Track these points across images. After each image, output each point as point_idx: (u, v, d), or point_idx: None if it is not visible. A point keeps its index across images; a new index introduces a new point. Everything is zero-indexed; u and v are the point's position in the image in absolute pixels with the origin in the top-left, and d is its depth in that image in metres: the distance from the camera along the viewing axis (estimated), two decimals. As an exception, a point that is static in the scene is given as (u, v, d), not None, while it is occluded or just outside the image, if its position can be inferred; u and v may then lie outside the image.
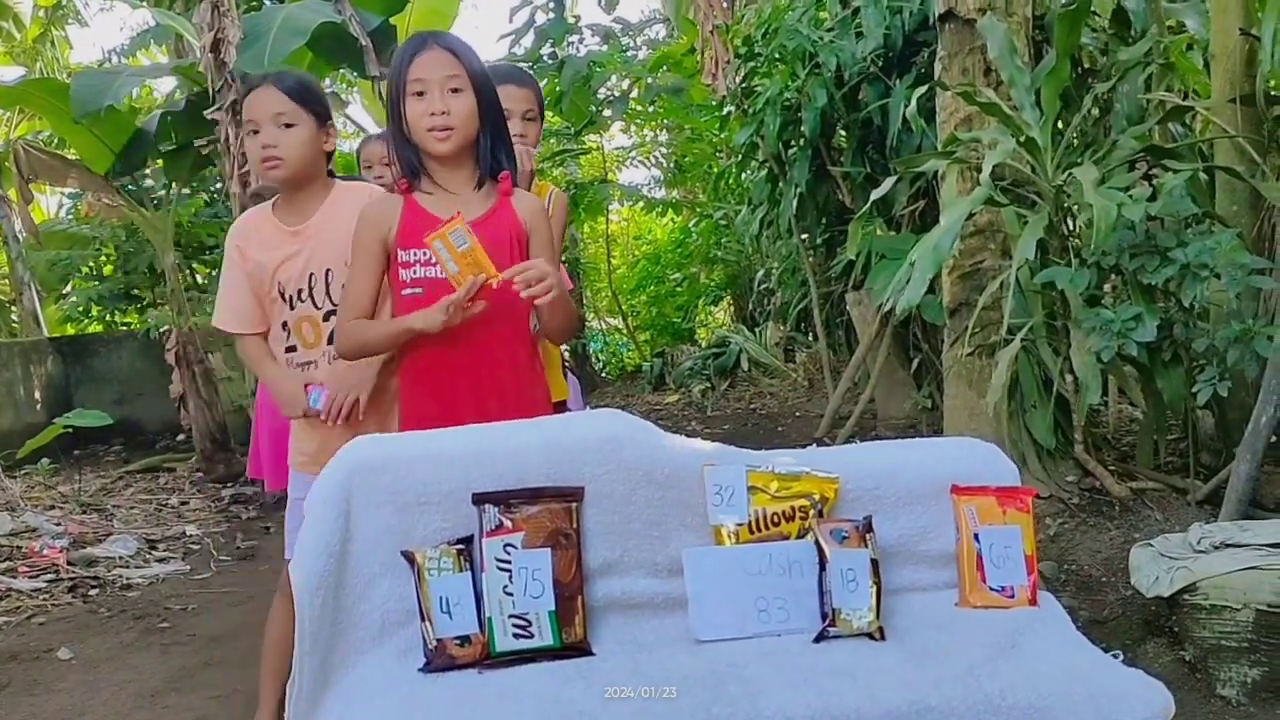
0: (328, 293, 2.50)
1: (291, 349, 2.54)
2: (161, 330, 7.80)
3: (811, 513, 2.03)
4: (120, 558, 5.16)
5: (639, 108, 11.28)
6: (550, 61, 10.07)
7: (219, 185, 9.35)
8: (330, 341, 2.48)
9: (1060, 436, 3.95)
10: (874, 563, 1.96)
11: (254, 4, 7.69)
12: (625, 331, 13.54)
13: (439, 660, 1.88)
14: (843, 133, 6.45)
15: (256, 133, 2.49)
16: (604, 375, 12.72)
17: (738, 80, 7.15)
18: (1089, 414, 3.90)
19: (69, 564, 4.95)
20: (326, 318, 2.50)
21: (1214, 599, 2.68)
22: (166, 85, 10.51)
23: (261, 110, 2.48)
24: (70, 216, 10.64)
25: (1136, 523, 3.65)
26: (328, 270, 2.49)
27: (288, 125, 2.47)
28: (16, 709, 3.35)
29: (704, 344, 11.89)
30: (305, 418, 2.52)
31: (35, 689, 3.53)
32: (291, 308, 2.53)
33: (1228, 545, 2.75)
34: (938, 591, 2.09)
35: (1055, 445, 3.91)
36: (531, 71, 9.88)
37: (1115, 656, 1.90)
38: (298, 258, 2.51)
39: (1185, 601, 2.74)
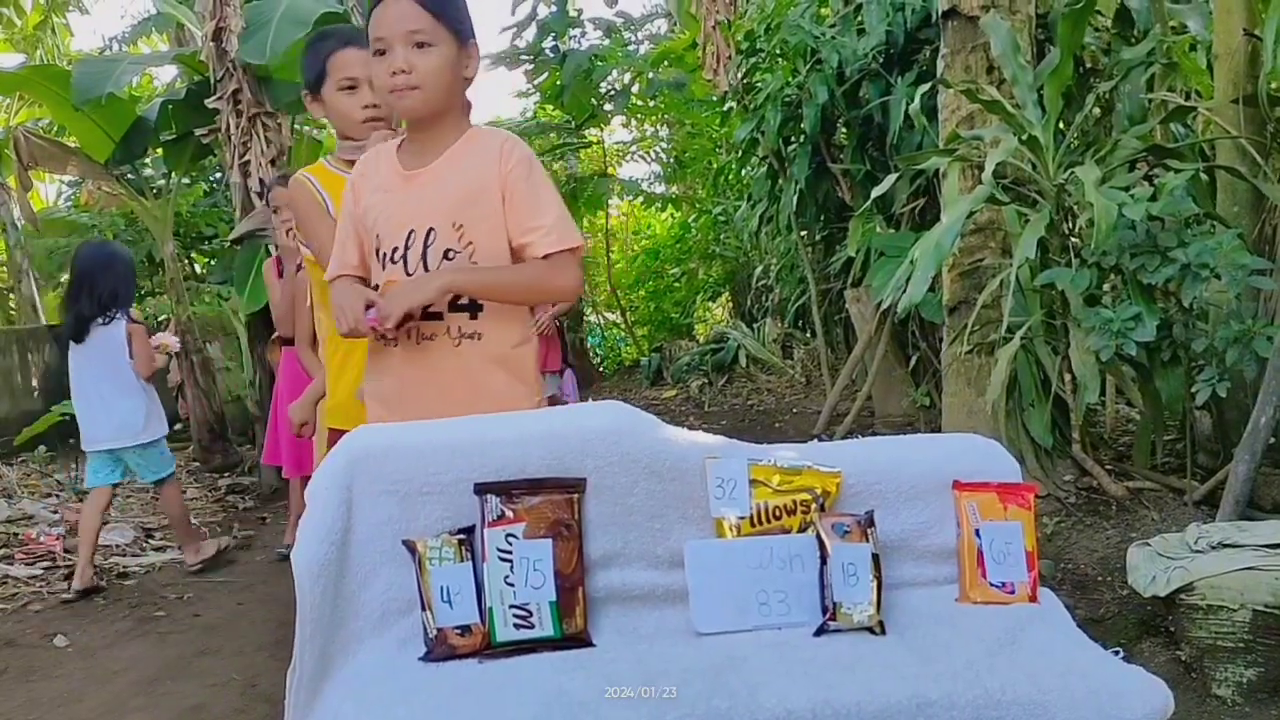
0: (424, 258, 2.11)
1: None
2: (160, 319, 7.79)
3: (813, 507, 2.03)
4: (117, 546, 5.16)
5: (640, 102, 11.28)
6: (552, 55, 10.07)
7: (219, 175, 9.36)
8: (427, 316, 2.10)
9: (1058, 436, 3.95)
10: (875, 557, 1.96)
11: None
12: (623, 326, 13.54)
13: (439, 649, 1.88)
14: (843, 129, 6.46)
15: (383, 53, 2.08)
16: (601, 369, 12.72)
17: (739, 76, 7.16)
18: (1087, 413, 3.91)
19: (66, 552, 4.95)
20: None
21: (1211, 599, 2.69)
22: (167, 74, 10.51)
23: (389, 28, 2.07)
24: (70, 204, 10.65)
25: (1133, 522, 3.66)
26: (430, 230, 2.10)
27: (421, 45, 2.07)
28: (13, 695, 3.35)
29: (702, 340, 11.90)
30: (357, 337, 2.15)
31: (32, 676, 3.53)
32: (384, 269, 2.16)
33: (1225, 545, 2.76)
34: (938, 587, 2.09)
35: (1053, 444, 3.91)
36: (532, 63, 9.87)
37: (1115, 654, 1.91)
38: (401, 208, 2.14)
39: (1182, 601, 2.75)
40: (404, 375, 2.18)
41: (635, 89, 10.95)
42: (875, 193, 4.31)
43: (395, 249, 2.13)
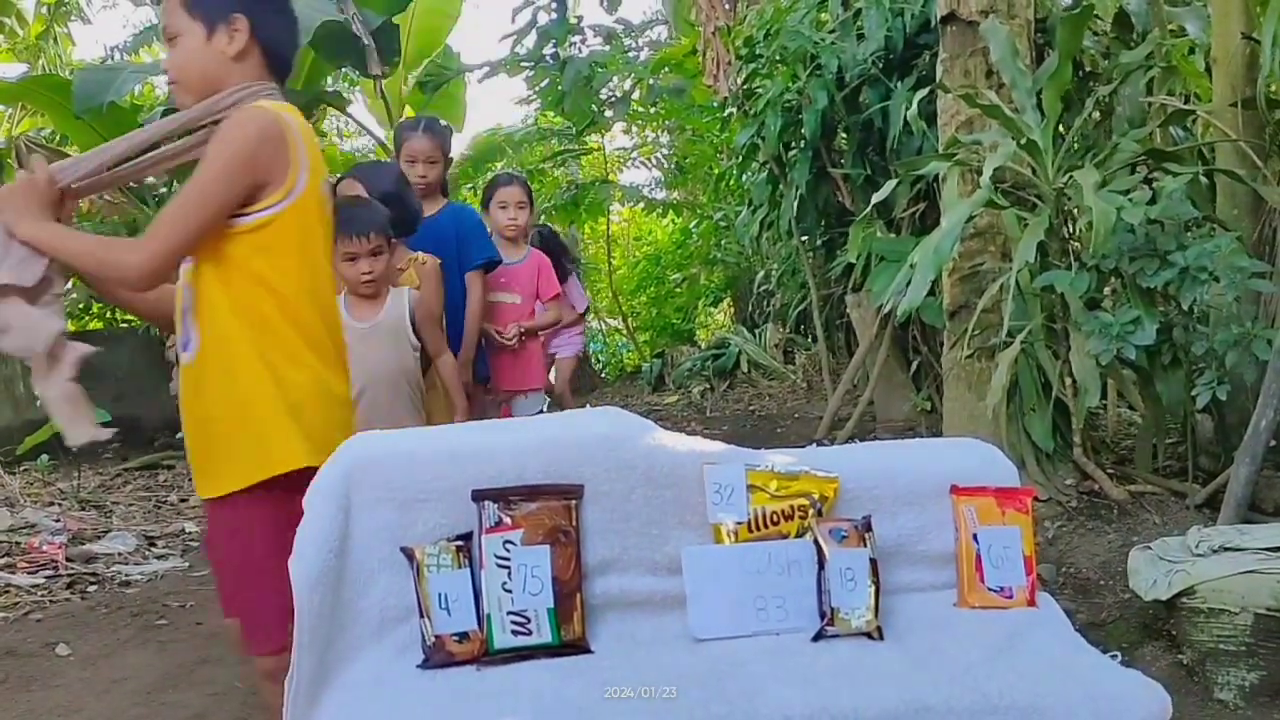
0: None
1: None
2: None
3: (811, 512, 2.03)
4: (119, 554, 5.16)
5: (641, 108, 11.27)
6: (552, 62, 10.06)
7: (220, 183, 9.35)
8: None
9: (1059, 439, 3.95)
10: (873, 562, 1.97)
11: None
12: (625, 332, 13.54)
13: (437, 657, 1.88)
14: (843, 134, 6.45)
15: None
16: (603, 375, 12.71)
17: (739, 81, 7.15)
18: (1088, 417, 3.91)
19: (68, 560, 4.95)
20: None
21: (1212, 602, 2.68)
22: (168, 83, 10.48)
23: None
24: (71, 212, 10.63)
25: (1135, 526, 3.65)
26: None
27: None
28: (14, 705, 3.34)
29: (703, 345, 11.89)
30: None
31: (32, 685, 3.53)
32: None
33: (1226, 549, 2.75)
34: (936, 591, 2.10)
35: (1054, 448, 3.91)
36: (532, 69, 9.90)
37: (1114, 658, 1.91)
38: None
39: (1183, 605, 2.74)
40: None
41: (636, 95, 10.94)
42: (875, 198, 4.30)
43: None
